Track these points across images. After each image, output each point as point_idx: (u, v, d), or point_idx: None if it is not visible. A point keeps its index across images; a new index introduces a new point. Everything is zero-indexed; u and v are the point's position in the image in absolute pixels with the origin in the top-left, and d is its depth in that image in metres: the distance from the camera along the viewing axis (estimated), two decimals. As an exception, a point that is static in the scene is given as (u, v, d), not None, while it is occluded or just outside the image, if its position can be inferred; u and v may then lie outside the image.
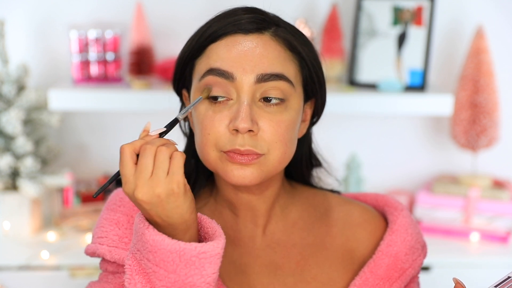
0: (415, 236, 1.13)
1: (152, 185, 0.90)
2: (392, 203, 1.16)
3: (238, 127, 0.98)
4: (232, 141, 0.99)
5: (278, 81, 1.01)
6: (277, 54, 1.02)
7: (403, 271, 1.11)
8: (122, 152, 0.92)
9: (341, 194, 1.21)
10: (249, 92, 1.00)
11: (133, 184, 0.91)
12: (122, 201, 1.09)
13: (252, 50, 1.01)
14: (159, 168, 0.90)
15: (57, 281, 1.86)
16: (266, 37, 1.02)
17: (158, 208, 0.91)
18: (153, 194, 0.90)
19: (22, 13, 2.12)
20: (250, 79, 1.00)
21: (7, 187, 2.01)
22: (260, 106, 1.01)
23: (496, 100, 2.04)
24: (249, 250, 1.09)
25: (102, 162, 2.21)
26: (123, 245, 1.05)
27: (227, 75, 1.00)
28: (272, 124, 1.00)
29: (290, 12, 2.09)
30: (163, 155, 0.91)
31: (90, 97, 1.95)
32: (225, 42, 1.02)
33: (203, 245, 0.91)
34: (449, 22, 2.15)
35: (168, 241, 0.91)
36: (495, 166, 2.20)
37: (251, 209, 1.09)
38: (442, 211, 2.06)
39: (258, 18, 1.03)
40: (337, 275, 1.10)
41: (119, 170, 0.93)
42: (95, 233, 1.09)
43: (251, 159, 1.00)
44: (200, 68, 1.03)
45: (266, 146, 1.00)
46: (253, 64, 1.00)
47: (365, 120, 2.22)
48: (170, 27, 2.12)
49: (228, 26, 1.02)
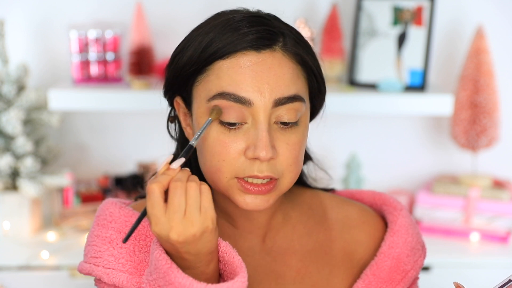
0: (415, 237, 1.11)
1: (188, 225, 0.87)
2: (391, 202, 1.14)
3: (259, 156, 0.94)
4: (250, 167, 0.96)
5: (294, 103, 0.97)
6: (291, 73, 0.97)
7: (406, 272, 1.09)
8: (151, 192, 0.88)
9: (336, 192, 1.19)
10: (266, 117, 0.95)
11: (167, 225, 0.87)
12: (113, 216, 1.04)
13: (267, 71, 0.95)
14: (192, 206, 0.88)
15: (57, 281, 1.85)
16: (279, 54, 0.97)
17: (191, 246, 0.89)
18: (189, 234, 0.88)
19: (22, 13, 2.12)
20: (268, 103, 0.95)
21: (7, 187, 2.01)
22: (275, 129, 0.97)
23: (496, 100, 2.04)
24: (248, 260, 1.06)
25: (102, 162, 2.21)
26: (120, 267, 1.01)
27: (244, 100, 0.95)
28: (288, 148, 0.97)
29: (290, 12, 2.09)
30: (194, 192, 0.88)
31: (90, 97, 1.95)
32: (236, 61, 0.96)
33: (232, 284, 0.90)
34: (449, 22, 2.15)
35: (197, 285, 0.89)
36: (495, 166, 2.20)
37: (250, 221, 1.07)
38: (442, 211, 2.06)
39: (267, 31, 0.97)
40: (338, 280, 1.09)
41: (145, 208, 0.89)
42: (88, 251, 1.04)
43: (270, 189, 0.97)
44: (207, 88, 0.97)
45: (281, 169, 0.98)
46: (270, 88, 0.95)
47: (365, 120, 2.22)
48: (170, 27, 2.12)
49: (237, 42, 0.95)
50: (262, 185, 0.97)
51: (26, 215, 2.01)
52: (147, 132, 2.19)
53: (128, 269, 1.01)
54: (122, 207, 1.05)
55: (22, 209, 2.00)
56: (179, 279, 0.89)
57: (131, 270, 1.01)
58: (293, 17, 2.05)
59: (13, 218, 2.00)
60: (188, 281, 0.89)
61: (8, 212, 2.00)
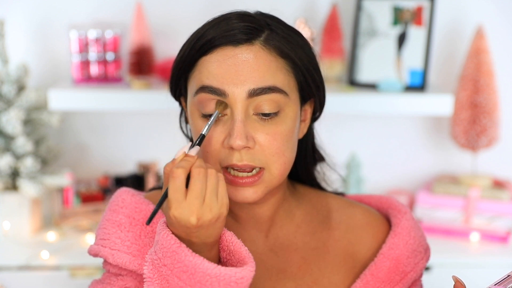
0: (418, 239, 1.12)
1: (206, 210, 0.91)
2: (396, 206, 1.15)
3: (233, 145, 0.98)
4: (229, 156, 0.99)
5: (271, 94, 1.00)
6: (268, 64, 1.00)
7: (405, 274, 1.10)
8: (176, 176, 0.90)
9: (345, 196, 1.20)
10: (241, 108, 0.99)
11: (188, 209, 0.90)
12: (124, 202, 1.09)
13: (242, 64, 0.99)
14: (212, 192, 0.91)
15: (57, 281, 1.85)
16: (256, 47, 1.00)
17: (203, 230, 0.92)
18: (206, 219, 0.91)
19: (22, 13, 2.12)
20: (242, 94, 0.99)
21: (7, 187, 2.01)
22: (255, 119, 1.00)
23: (496, 100, 2.04)
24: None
25: (102, 162, 2.21)
26: (125, 249, 1.05)
27: (219, 92, 0.99)
28: (268, 138, 1.00)
29: (290, 12, 2.09)
30: (214, 179, 0.92)
31: (90, 97, 1.95)
32: (216, 56, 1.00)
33: (241, 271, 0.92)
34: (449, 22, 2.15)
35: (208, 265, 0.91)
36: (495, 166, 2.20)
37: (253, 216, 1.09)
38: (442, 211, 2.06)
39: (249, 27, 1.01)
40: (338, 279, 1.10)
41: (166, 191, 0.92)
42: (98, 234, 1.09)
43: (254, 181, 1.00)
44: (193, 84, 1.03)
45: (264, 159, 1.00)
46: (243, 79, 0.99)
47: (365, 120, 2.22)
48: (170, 27, 2.12)
49: (218, 38, 1.00)
50: (246, 177, 1.00)
51: (26, 215, 2.01)
52: (147, 132, 2.19)
53: (132, 251, 1.04)
54: (135, 195, 1.10)
55: (22, 209, 2.00)
56: (189, 258, 0.91)
57: (134, 253, 1.04)
58: (293, 17, 2.05)
59: (13, 218, 2.00)
60: (199, 260, 0.91)
61: (8, 212, 2.00)
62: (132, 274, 1.06)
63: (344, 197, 1.20)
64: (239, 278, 0.92)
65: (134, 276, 1.05)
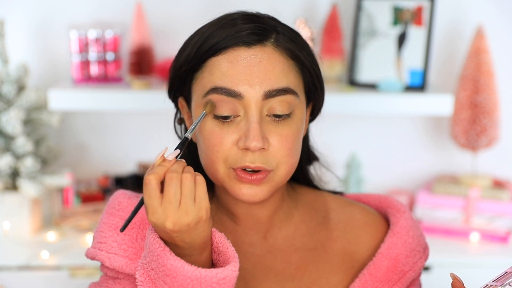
0: (416, 239, 1.12)
1: (182, 214, 0.90)
2: (395, 205, 1.15)
3: (250, 146, 0.97)
4: (242, 158, 0.99)
5: (285, 95, 1.00)
6: (282, 66, 1.00)
7: (403, 273, 1.10)
8: (147, 183, 0.91)
9: (344, 195, 1.20)
10: (257, 109, 0.99)
11: (162, 214, 0.90)
12: (121, 205, 1.08)
13: (257, 65, 0.99)
14: (187, 196, 0.91)
15: (57, 281, 1.86)
16: (269, 48, 1.00)
17: (185, 235, 0.92)
18: (184, 223, 0.90)
19: (22, 13, 2.12)
20: (258, 96, 0.99)
21: (7, 187, 2.01)
22: (268, 121, 1.00)
23: (496, 100, 2.04)
24: (248, 256, 1.09)
25: (102, 162, 2.21)
26: (121, 252, 1.05)
27: (234, 93, 0.98)
28: (281, 139, 1.00)
29: (290, 12, 2.09)
30: (189, 182, 0.91)
31: (90, 97, 1.95)
32: (228, 56, 1.00)
33: (223, 271, 0.92)
34: (449, 22, 2.15)
35: (188, 268, 0.91)
36: (495, 166, 2.20)
37: (252, 217, 1.09)
38: (442, 211, 2.06)
39: (259, 28, 1.00)
40: (337, 279, 1.09)
41: (142, 198, 0.92)
42: (95, 237, 1.09)
43: (262, 178, 1.00)
44: (202, 84, 1.01)
45: (275, 161, 1.00)
46: (259, 81, 0.98)
47: (365, 120, 2.22)
48: (170, 27, 2.12)
49: (229, 38, 0.99)
50: (254, 174, 1.00)
51: (26, 215, 2.01)
52: (147, 132, 2.19)
53: (129, 255, 1.05)
54: (131, 197, 1.10)
55: (22, 209, 2.00)
56: (171, 261, 0.91)
57: (131, 256, 1.04)
58: (293, 17, 2.05)
59: (13, 218, 2.00)
60: (179, 263, 0.91)
61: (8, 212, 2.00)
62: (129, 278, 1.05)
63: (343, 196, 1.20)
64: (220, 278, 0.92)
65: (132, 279, 1.05)
